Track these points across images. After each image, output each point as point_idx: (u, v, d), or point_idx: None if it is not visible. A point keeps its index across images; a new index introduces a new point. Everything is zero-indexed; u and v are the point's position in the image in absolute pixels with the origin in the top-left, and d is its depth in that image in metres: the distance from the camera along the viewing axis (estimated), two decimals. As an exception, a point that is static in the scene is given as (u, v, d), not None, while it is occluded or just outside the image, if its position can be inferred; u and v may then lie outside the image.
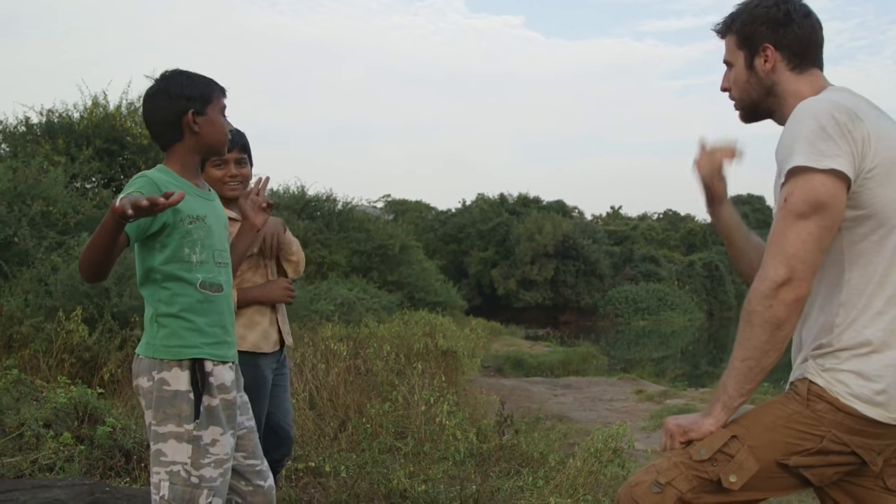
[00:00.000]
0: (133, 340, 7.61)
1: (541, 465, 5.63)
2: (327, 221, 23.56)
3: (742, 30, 2.26)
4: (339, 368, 7.37)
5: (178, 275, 2.51)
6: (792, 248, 1.96)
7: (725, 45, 2.32)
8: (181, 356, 2.49)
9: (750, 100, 2.29)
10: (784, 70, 2.22)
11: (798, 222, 1.96)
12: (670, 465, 2.06)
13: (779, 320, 1.96)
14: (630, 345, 33.04)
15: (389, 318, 15.74)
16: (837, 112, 1.99)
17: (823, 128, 1.97)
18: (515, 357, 19.52)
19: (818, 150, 1.96)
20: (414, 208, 51.35)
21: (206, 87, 2.63)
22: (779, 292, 1.95)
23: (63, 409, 5.21)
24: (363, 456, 5.27)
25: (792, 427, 2.01)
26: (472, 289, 43.72)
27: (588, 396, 12.99)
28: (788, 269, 1.95)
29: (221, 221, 2.73)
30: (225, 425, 2.54)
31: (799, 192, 1.97)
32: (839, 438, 1.97)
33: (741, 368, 2.02)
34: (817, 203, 1.95)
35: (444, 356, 10.51)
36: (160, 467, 2.47)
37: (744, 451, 2.00)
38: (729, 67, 2.32)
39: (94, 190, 13.04)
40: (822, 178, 1.95)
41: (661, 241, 56.15)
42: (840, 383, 1.98)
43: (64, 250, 9.34)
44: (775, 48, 2.22)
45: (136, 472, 4.88)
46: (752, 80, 2.26)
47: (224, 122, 2.67)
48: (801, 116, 2.03)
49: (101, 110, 14.36)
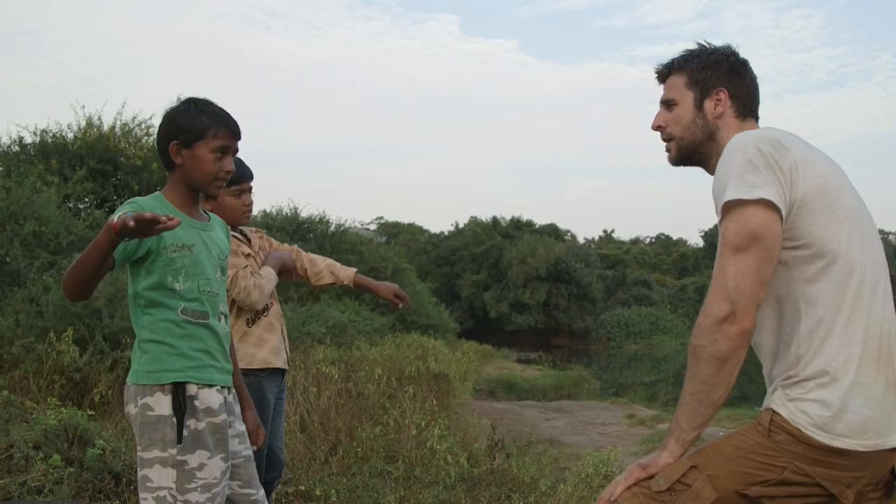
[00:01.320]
0: (124, 362, 7.58)
1: (532, 490, 5.62)
2: (320, 243, 23.51)
3: (697, 72, 2.30)
4: (331, 392, 7.36)
5: (160, 301, 2.52)
6: (732, 283, 1.98)
7: (668, 85, 2.36)
8: (162, 380, 2.49)
9: (692, 140, 2.31)
10: (730, 117, 2.27)
11: (736, 256, 1.99)
12: (629, 496, 2.06)
13: (724, 354, 1.98)
14: (622, 368, 33.01)
15: (381, 341, 15.73)
16: (762, 144, 2.02)
17: (750, 161, 2.00)
18: (507, 380, 19.46)
19: (747, 183, 1.99)
20: (407, 231, 51.35)
21: (203, 123, 2.59)
22: (722, 327, 1.97)
23: (53, 431, 5.18)
24: (354, 480, 5.26)
25: (752, 458, 2.00)
26: (464, 311, 43.65)
27: (580, 420, 12.95)
28: (730, 304, 1.97)
29: (214, 251, 2.70)
30: (213, 449, 2.52)
31: (733, 226, 2.00)
32: (801, 469, 1.97)
33: (691, 402, 2.03)
34: (752, 235, 1.98)
35: (436, 379, 10.49)
36: (147, 493, 2.47)
37: (702, 480, 1.99)
38: (666, 107, 2.35)
39: (87, 210, 13.03)
40: (754, 210, 1.98)
41: (653, 265, 56.28)
42: (802, 413, 1.97)
43: (56, 270, 9.31)
44: (728, 95, 2.27)
45: (125, 494, 4.85)
46: (699, 121, 2.29)
47: (213, 162, 2.61)
48: (729, 154, 2.07)
49: (95, 131, 14.36)
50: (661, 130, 2.38)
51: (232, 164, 2.67)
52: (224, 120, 2.64)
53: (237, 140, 2.68)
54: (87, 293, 2.39)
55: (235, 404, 2.74)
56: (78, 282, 2.34)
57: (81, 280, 2.33)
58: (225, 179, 2.67)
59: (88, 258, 2.28)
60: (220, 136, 2.61)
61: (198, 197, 2.70)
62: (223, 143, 2.61)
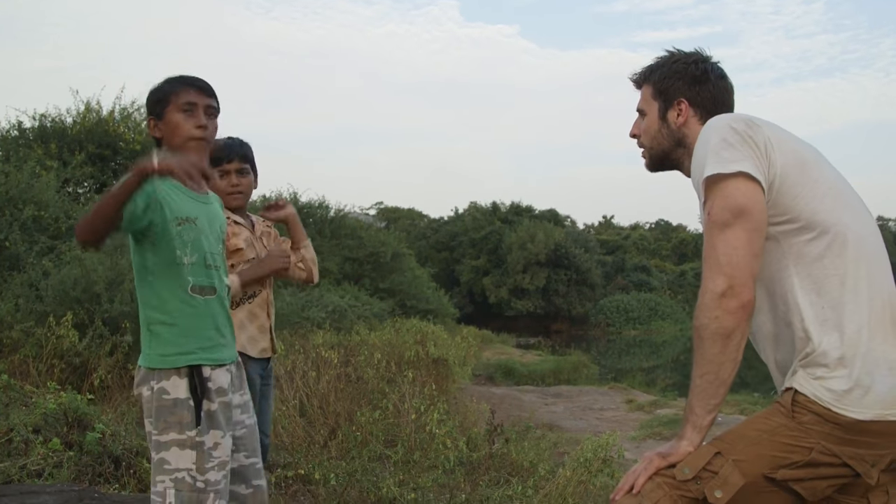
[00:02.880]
0: (123, 346, 7.59)
1: (530, 474, 5.64)
2: (319, 228, 23.51)
3: (660, 82, 2.35)
4: (330, 376, 7.37)
5: (170, 277, 2.53)
6: (724, 257, 1.98)
7: (641, 94, 2.42)
8: (178, 364, 2.50)
9: (660, 149, 2.37)
10: (695, 124, 2.30)
11: (724, 232, 2.00)
12: (654, 487, 2.03)
13: (727, 330, 1.97)
14: (621, 354, 33.08)
15: (381, 326, 15.73)
16: (734, 122, 2.06)
17: (724, 139, 2.03)
18: (506, 365, 19.50)
19: (723, 159, 2.01)
20: (406, 216, 51.32)
21: (164, 89, 2.65)
22: (722, 302, 1.97)
23: (52, 415, 5.20)
24: (353, 464, 5.28)
25: (778, 440, 1.98)
26: (463, 297, 43.68)
27: (578, 405, 13.00)
28: (726, 278, 1.97)
29: (216, 224, 2.73)
30: (224, 428, 2.56)
31: (717, 202, 2.02)
32: (829, 450, 1.95)
33: (702, 385, 2.02)
34: (737, 208, 1.99)
35: (435, 364, 10.51)
36: (164, 475, 2.48)
37: (728, 465, 1.97)
38: (641, 115, 2.41)
39: (87, 195, 13.00)
40: (735, 183, 2.00)
41: (652, 251, 56.29)
42: (828, 391, 1.95)
43: (55, 255, 9.31)
44: (689, 104, 2.31)
45: (125, 478, 4.87)
46: (664, 131, 2.35)
47: (184, 121, 2.62)
48: (703, 137, 2.11)
49: (94, 115, 14.32)
50: (636, 138, 2.44)
51: (203, 119, 2.65)
52: (184, 80, 2.68)
53: (205, 96, 2.68)
54: (103, 237, 2.31)
55: (240, 373, 2.77)
56: (96, 221, 2.27)
57: (100, 219, 2.27)
58: (201, 137, 2.64)
59: (112, 200, 2.24)
60: (183, 94, 2.63)
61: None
62: (188, 100, 2.63)
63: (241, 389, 2.77)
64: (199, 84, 2.69)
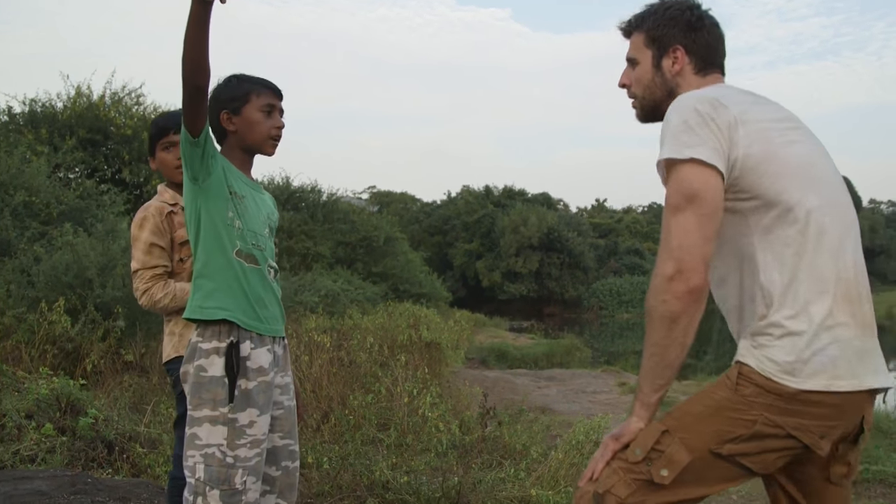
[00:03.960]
0: (116, 331, 7.60)
1: (523, 456, 5.66)
2: (312, 213, 23.50)
3: (653, 29, 2.28)
4: (323, 360, 7.38)
5: (217, 237, 2.61)
6: (675, 241, 1.97)
7: (631, 43, 2.34)
8: (215, 316, 2.57)
9: (652, 99, 2.31)
10: (689, 73, 2.26)
11: (676, 215, 1.98)
12: (609, 472, 2.04)
13: (673, 314, 1.96)
14: (614, 337, 33.14)
15: (374, 310, 15.74)
16: (699, 104, 2.02)
17: (685, 121, 2.00)
18: (499, 349, 19.50)
19: (680, 142, 1.99)
20: (399, 200, 51.33)
21: (245, 88, 2.76)
22: (670, 286, 1.95)
23: (45, 401, 5.20)
24: (346, 447, 5.29)
25: (722, 414, 1.98)
26: (456, 281, 43.74)
27: (571, 388, 13.00)
28: (675, 262, 1.95)
29: (265, 210, 2.85)
30: (262, 407, 2.61)
31: (672, 185, 2.01)
32: (772, 421, 1.94)
33: (649, 365, 2.02)
34: (690, 193, 1.97)
35: (428, 348, 10.52)
36: (195, 450, 2.54)
37: (674, 443, 1.97)
38: (631, 65, 2.34)
39: (78, 180, 12.95)
40: (688, 168, 1.98)
41: (645, 234, 56.35)
42: (770, 361, 1.94)
43: (46, 241, 9.29)
44: (685, 51, 2.25)
45: (118, 463, 4.88)
46: (658, 80, 2.29)
47: (264, 120, 2.76)
48: (668, 115, 2.07)
49: (85, 100, 14.28)
50: (626, 88, 2.37)
51: (281, 121, 2.83)
52: (263, 82, 2.82)
53: (280, 99, 2.85)
54: (205, 66, 2.39)
55: (286, 354, 2.86)
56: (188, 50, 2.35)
57: (190, 45, 2.34)
58: (278, 136, 2.82)
59: (190, 34, 2.32)
60: (265, 96, 2.78)
61: (251, 160, 2.85)
62: (268, 102, 2.78)
63: (284, 371, 2.84)
64: (276, 88, 2.84)
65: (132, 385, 6.88)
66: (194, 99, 2.43)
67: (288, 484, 2.83)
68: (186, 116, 2.45)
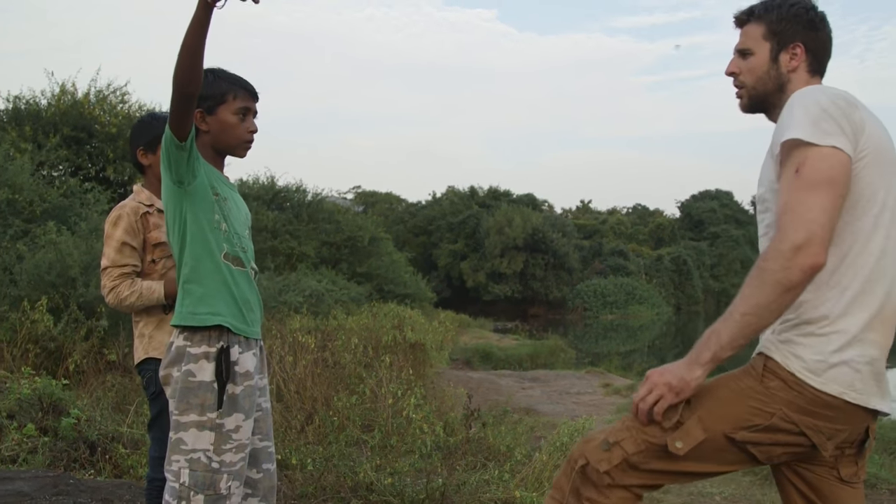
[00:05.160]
0: (99, 331, 7.55)
1: (507, 458, 5.66)
2: (297, 212, 23.44)
3: (776, 23, 2.29)
4: (307, 361, 7.36)
5: (205, 241, 2.58)
6: (811, 214, 1.95)
7: (744, 33, 2.35)
8: (207, 322, 2.55)
9: (764, 90, 2.32)
10: (803, 71, 2.28)
11: (813, 191, 1.97)
12: (622, 427, 2.11)
13: (791, 283, 1.94)
14: (598, 338, 33.23)
15: (358, 310, 15.72)
16: (837, 98, 2.06)
17: (825, 110, 2.03)
18: (484, 350, 19.49)
19: (821, 129, 2.01)
20: (384, 200, 51.27)
21: (221, 88, 2.70)
22: (797, 255, 1.93)
23: (27, 401, 5.17)
24: (330, 449, 5.27)
25: (744, 402, 2.03)
26: (441, 281, 43.72)
27: (555, 389, 13.02)
28: (808, 233, 1.94)
29: (243, 211, 2.83)
30: (247, 411, 2.61)
31: (812, 162, 2.00)
32: (789, 417, 2.00)
33: (740, 322, 2.00)
34: (830, 175, 1.98)
35: (413, 349, 10.52)
36: (180, 455, 2.52)
37: (693, 419, 2.03)
38: (741, 55, 2.35)
39: (61, 178, 12.86)
40: (830, 152, 1.99)
41: (629, 236, 56.51)
42: (796, 358, 2.01)
43: (30, 239, 9.24)
44: (805, 49, 2.27)
45: (100, 464, 4.85)
46: (772, 73, 2.29)
47: (238, 124, 2.72)
48: (802, 100, 2.08)
49: (69, 98, 14.21)
50: (734, 76, 2.38)
51: (255, 125, 2.78)
52: (241, 82, 2.76)
53: (255, 101, 2.79)
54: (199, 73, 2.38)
55: (263, 356, 2.83)
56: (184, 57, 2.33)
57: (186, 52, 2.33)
58: (251, 141, 2.77)
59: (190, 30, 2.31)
60: (241, 98, 2.73)
61: (223, 160, 2.80)
62: (244, 105, 2.74)
63: (263, 373, 2.82)
64: (253, 90, 2.79)
65: (115, 385, 6.85)
66: (185, 105, 2.40)
67: (269, 486, 2.83)
68: (175, 121, 2.42)
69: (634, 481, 2.10)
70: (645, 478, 2.10)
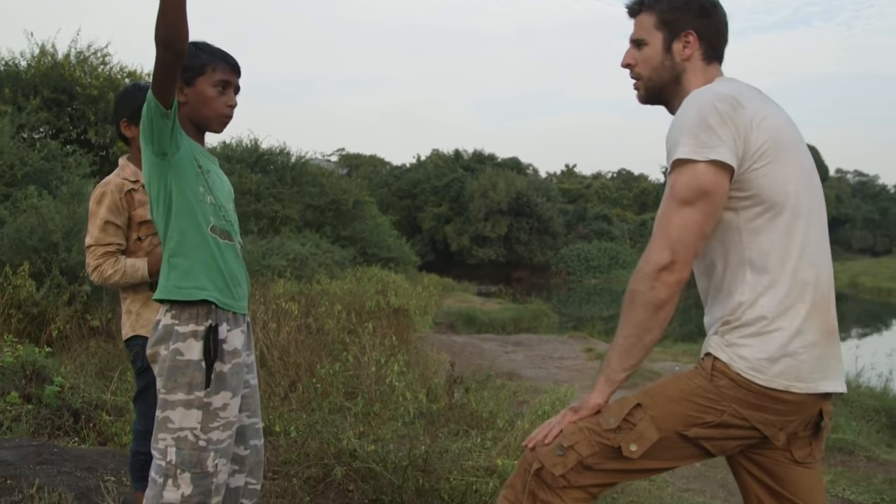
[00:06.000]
0: (82, 296, 7.54)
1: (489, 425, 5.70)
2: (280, 175, 23.36)
3: (667, 12, 2.26)
4: (290, 327, 7.37)
5: (191, 213, 2.55)
6: (676, 233, 2.03)
7: (638, 23, 2.32)
8: (193, 297, 2.52)
9: (660, 81, 2.30)
10: (697, 59, 2.26)
11: (682, 209, 2.03)
12: (576, 430, 2.12)
13: (660, 301, 2.04)
14: (581, 303, 33.36)
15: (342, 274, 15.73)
16: (718, 101, 2.05)
17: (705, 119, 2.03)
18: (467, 313, 19.55)
19: (700, 142, 2.02)
20: (368, 163, 51.14)
21: (201, 59, 2.64)
22: (661, 275, 2.03)
23: (10, 368, 5.17)
24: (313, 416, 5.30)
25: (694, 400, 2.07)
26: (425, 245, 43.76)
27: (538, 354, 13.08)
28: (672, 253, 2.03)
29: (226, 185, 2.79)
30: (234, 389, 2.60)
31: (683, 179, 2.04)
32: (739, 413, 2.05)
33: (624, 345, 2.10)
34: (700, 191, 2.02)
35: (396, 314, 10.54)
36: (166, 433, 2.51)
37: (646, 420, 2.07)
38: (636, 45, 2.32)
39: (42, 141, 12.75)
40: (705, 168, 2.02)
41: (614, 200, 56.64)
42: (741, 358, 2.04)
43: (11, 203, 9.19)
44: (697, 37, 2.25)
45: (84, 431, 4.86)
46: (666, 63, 2.27)
47: (217, 97, 2.66)
48: (685, 109, 2.09)
49: (50, 59, 14.05)
50: (630, 69, 2.35)
51: (234, 100, 2.72)
52: (222, 55, 2.70)
53: (237, 75, 2.73)
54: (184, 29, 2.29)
55: (250, 332, 2.80)
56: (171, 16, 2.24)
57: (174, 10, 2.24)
58: (229, 116, 2.72)
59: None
60: (220, 71, 2.67)
61: (203, 134, 2.75)
62: (223, 78, 2.67)
63: (249, 349, 2.80)
64: (234, 63, 2.72)
65: (98, 351, 6.84)
66: (171, 67, 2.33)
67: (256, 462, 2.84)
68: (159, 86, 2.35)
69: (590, 481, 2.13)
70: (600, 477, 2.13)
